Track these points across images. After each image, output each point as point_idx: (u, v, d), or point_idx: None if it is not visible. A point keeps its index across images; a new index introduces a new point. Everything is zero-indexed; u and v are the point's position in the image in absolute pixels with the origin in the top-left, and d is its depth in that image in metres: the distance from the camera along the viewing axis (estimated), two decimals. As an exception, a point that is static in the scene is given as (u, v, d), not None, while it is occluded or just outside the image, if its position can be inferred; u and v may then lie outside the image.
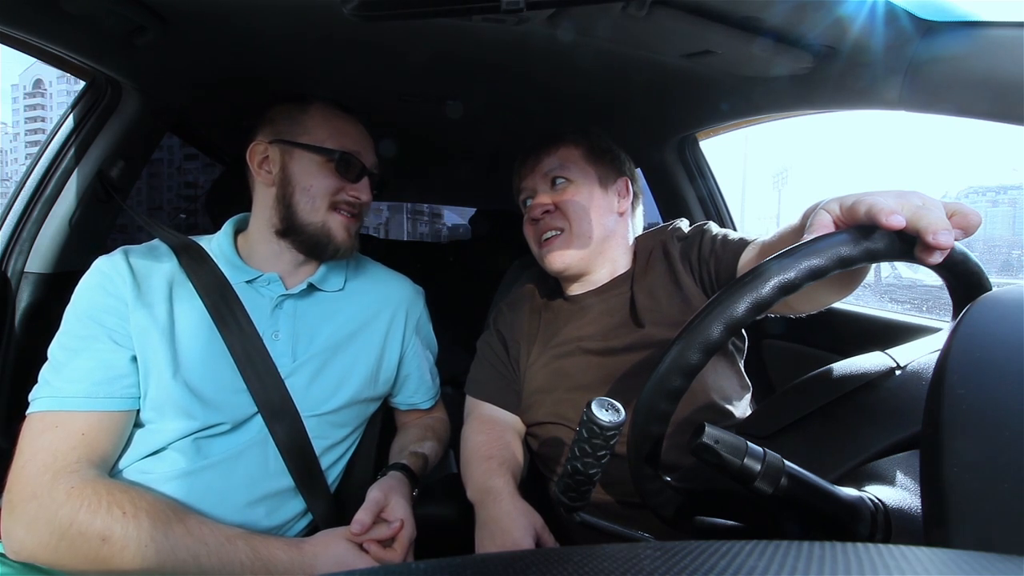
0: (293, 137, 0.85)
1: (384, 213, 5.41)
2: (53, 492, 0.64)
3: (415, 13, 0.62)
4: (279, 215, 0.86)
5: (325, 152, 0.85)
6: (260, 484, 0.77)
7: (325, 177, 0.85)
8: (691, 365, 0.43)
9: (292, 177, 0.85)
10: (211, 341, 0.78)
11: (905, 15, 0.68)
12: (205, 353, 0.77)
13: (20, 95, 43.37)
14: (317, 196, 0.85)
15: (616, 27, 0.78)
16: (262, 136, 0.87)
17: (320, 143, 0.85)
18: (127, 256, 0.79)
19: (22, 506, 0.64)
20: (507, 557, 0.24)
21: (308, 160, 0.85)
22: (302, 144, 0.85)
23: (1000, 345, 0.35)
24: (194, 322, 0.78)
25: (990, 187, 13.60)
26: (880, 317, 1.09)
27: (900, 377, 0.49)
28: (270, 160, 0.86)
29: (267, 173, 0.86)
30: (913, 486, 0.41)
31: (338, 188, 0.86)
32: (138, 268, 0.78)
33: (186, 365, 0.75)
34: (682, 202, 1.47)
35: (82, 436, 0.68)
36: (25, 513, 0.63)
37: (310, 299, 0.89)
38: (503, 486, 0.79)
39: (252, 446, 0.78)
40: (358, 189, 0.88)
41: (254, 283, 0.85)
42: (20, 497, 0.64)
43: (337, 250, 0.87)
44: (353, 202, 0.88)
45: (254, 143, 0.87)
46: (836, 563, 0.22)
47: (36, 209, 1.02)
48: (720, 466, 0.41)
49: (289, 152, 0.85)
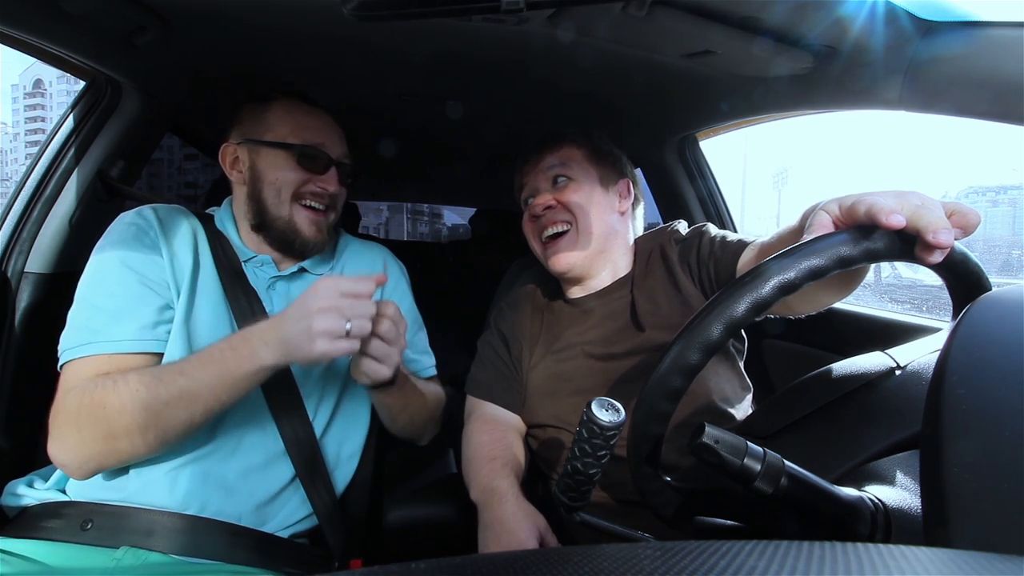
0: (258, 135, 0.87)
1: (384, 213, 5.41)
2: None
3: (415, 13, 0.62)
4: (252, 211, 0.88)
5: (286, 147, 0.86)
6: (261, 473, 0.78)
7: (290, 171, 0.86)
8: (691, 365, 0.43)
9: (260, 174, 0.87)
10: (220, 312, 0.80)
11: (905, 15, 0.68)
12: (213, 320, 0.79)
13: (20, 95, 43.38)
14: (282, 189, 0.86)
15: (616, 27, 0.78)
16: (232, 138, 0.90)
17: (282, 139, 0.86)
18: (155, 211, 0.82)
19: (59, 427, 0.68)
20: (507, 557, 0.24)
21: (273, 156, 0.86)
22: (265, 141, 0.86)
23: (1000, 345, 0.35)
24: (210, 289, 0.81)
25: (990, 187, 13.59)
26: (880, 317, 1.09)
27: (900, 377, 0.49)
28: (240, 160, 0.89)
29: (238, 173, 0.89)
30: (913, 486, 0.41)
31: (304, 180, 0.86)
32: (166, 223, 0.81)
33: (192, 326, 0.77)
34: (682, 202, 1.47)
35: None
36: (60, 425, 0.68)
37: (300, 280, 0.91)
38: (507, 488, 0.79)
39: (252, 430, 0.78)
40: (325, 180, 0.88)
41: (248, 263, 0.87)
42: (59, 418, 0.68)
43: (305, 245, 0.88)
44: (320, 193, 0.88)
45: (224, 145, 0.90)
46: (836, 563, 0.22)
47: (36, 209, 1.02)
48: (720, 466, 0.41)
49: (256, 150, 0.87)
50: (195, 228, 0.84)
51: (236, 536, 0.74)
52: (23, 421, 0.94)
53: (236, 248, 0.87)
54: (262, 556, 0.75)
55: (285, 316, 0.68)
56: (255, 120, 0.88)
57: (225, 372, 0.67)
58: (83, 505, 0.72)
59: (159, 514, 0.71)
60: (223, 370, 0.67)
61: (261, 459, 0.78)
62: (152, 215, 0.81)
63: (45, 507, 0.73)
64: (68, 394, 0.69)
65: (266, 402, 0.80)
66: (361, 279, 0.69)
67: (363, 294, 0.67)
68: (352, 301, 0.66)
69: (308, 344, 0.65)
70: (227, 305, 0.81)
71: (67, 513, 0.71)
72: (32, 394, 0.94)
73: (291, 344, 0.66)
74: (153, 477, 0.72)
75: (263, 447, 0.79)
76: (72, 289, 0.76)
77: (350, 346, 0.67)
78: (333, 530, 0.83)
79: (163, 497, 0.72)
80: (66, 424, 0.68)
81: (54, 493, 0.74)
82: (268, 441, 0.79)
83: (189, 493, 0.72)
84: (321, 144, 0.87)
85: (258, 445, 0.78)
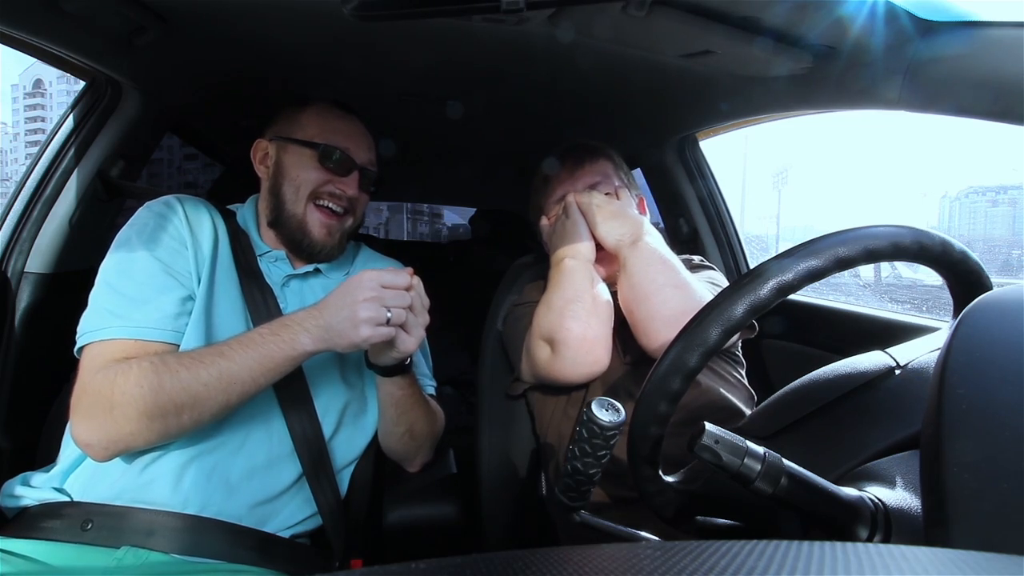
0: (289, 134, 0.89)
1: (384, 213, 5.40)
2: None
3: (415, 13, 0.62)
4: (270, 206, 0.90)
5: (311, 146, 0.87)
6: (264, 472, 0.78)
7: (312, 170, 0.87)
8: (690, 367, 0.43)
9: (283, 169, 0.88)
10: (237, 306, 0.81)
11: (905, 15, 0.68)
12: (229, 315, 0.80)
13: (20, 95, 43.32)
14: (301, 186, 0.87)
15: (616, 27, 0.78)
16: (266, 135, 0.93)
17: (310, 138, 0.88)
18: (181, 202, 0.83)
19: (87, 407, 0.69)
20: (507, 557, 0.24)
21: (298, 154, 0.88)
22: (294, 139, 0.89)
23: (1000, 345, 0.35)
24: (227, 285, 0.82)
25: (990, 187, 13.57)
26: (880, 317, 1.09)
27: (900, 377, 0.49)
28: (268, 156, 0.91)
29: (265, 168, 0.91)
30: (913, 486, 0.41)
31: (324, 180, 0.87)
32: (192, 216, 0.82)
33: (210, 320, 0.78)
34: (682, 202, 1.47)
35: None
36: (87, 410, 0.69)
37: (314, 281, 0.92)
38: None
39: (259, 427, 0.78)
40: (345, 183, 0.89)
41: (263, 258, 0.88)
42: (88, 398, 0.69)
43: (312, 247, 0.88)
44: (338, 194, 0.88)
45: (257, 140, 0.93)
46: (836, 563, 0.22)
47: (36, 209, 1.02)
48: (720, 466, 0.41)
49: (284, 147, 0.90)
50: (216, 223, 0.85)
51: (237, 535, 0.74)
52: (23, 421, 0.94)
53: (254, 243, 0.89)
54: (263, 556, 0.75)
55: (327, 305, 0.72)
56: (289, 120, 0.91)
57: (266, 356, 0.70)
58: (83, 505, 0.72)
59: (160, 514, 0.71)
60: (264, 354, 0.70)
61: (265, 458, 0.78)
62: (179, 205, 0.82)
63: (45, 507, 0.73)
64: (96, 374, 0.69)
65: (277, 400, 0.80)
66: (399, 272, 0.73)
67: (401, 286, 0.72)
68: (393, 292, 0.71)
69: (353, 331, 0.69)
70: (243, 300, 0.82)
71: (67, 513, 0.71)
72: (32, 394, 0.94)
73: (334, 330, 0.70)
74: (158, 472, 0.72)
75: (268, 445, 0.79)
76: (72, 289, 0.76)
77: (389, 332, 0.71)
78: (336, 530, 0.83)
79: (165, 494, 0.72)
80: (96, 405, 0.68)
81: (54, 493, 0.74)
82: (274, 440, 0.79)
83: (191, 491, 0.72)
84: (346, 148, 0.89)
85: (264, 442, 0.79)
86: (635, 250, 0.87)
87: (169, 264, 0.77)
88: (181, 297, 0.76)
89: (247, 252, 0.86)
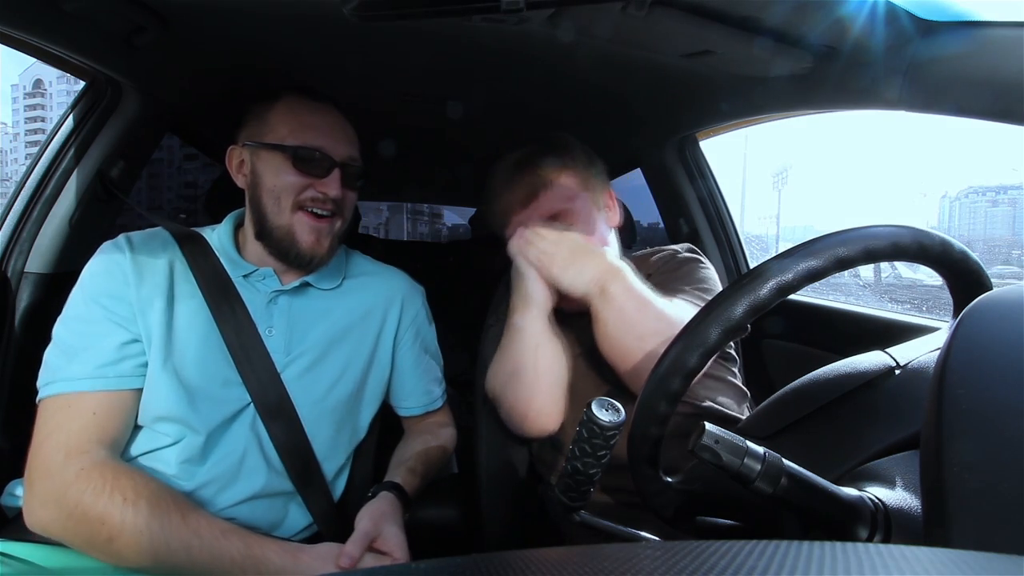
0: (259, 138, 0.83)
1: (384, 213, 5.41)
2: (64, 472, 0.66)
3: (415, 13, 0.62)
4: (253, 218, 0.85)
5: (283, 149, 0.81)
6: (258, 487, 0.77)
7: (288, 175, 0.81)
8: (690, 367, 0.43)
9: (259, 178, 0.83)
10: (207, 333, 0.78)
11: (905, 15, 0.68)
12: (200, 344, 0.77)
13: (20, 95, 43.34)
14: (281, 195, 0.81)
15: (616, 27, 0.78)
16: (239, 140, 0.87)
17: (281, 140, 0.82)
18: (130, 241, 0.79)
19: (39, 483, 0.67)
20: (507, 557, 0.24)
21: (271, 159, 0.82)
22: (265, 144, 0.82)
23: (1000, 345, 0.35)
24: (192, 312, 0.78)
25: (990, 187, 13.58)
26: (880, 317, 1.09)
27: (900, 376, 0.49)
28: (244, 163, 0.85)
29: (243, 177, 0.86)
30: (913, 486, 0.41)
31: (303, 185, 0.81)
32: (140, 253, 0.78)
33: (178, 354, 0.75)
34: (682, 202, 1.47)
35: (93, 416, 0.70)
36: (41, 490, 0.67)
37: (305, 296, 0.87)
38: None
39: (247, 451, 0.77)
40: (326, 184, 0.82)
41: (250, 277, 0.84)
42: (37, 475, 0.68)
43: (301, 255, 0.82)
44: (320, 198, 0.82)
45: (230, 148, 0.87)
46: (836, 563, 0.22)
47: (36, 209, 1.01)
48: (720, 467, 0.41)
49: (256, 153, 0.84)
50: (172, 256, 0.80)
51: None
52: (23, 421, 0.94)
53: (234, 263, 0.84)
54: None
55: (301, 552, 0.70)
56: (258, 120, 0.84)
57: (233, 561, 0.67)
58: None
59: None
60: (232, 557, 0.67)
61: (256, 478, 0.78)
62: (126, 244, 0.78)
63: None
64: (48, 439, 0.68)
65: (256, 409, 0.78)
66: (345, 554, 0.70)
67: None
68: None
69: None
70: (216, 326, 0.78)
71: None
72: (32, 394, 0.94)
73: None
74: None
75: (257, 463, 0.78)
76: (72, 289, 0.76)
77: None
78: (333, 535, 0.82)
79: None
80: (51, 494, 0.66)
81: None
82: (262, 456, 0.79)
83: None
84: (321, 146, 0.82)
85: (253, 463, 0.78)
86: (605, 300, 0.79)
87: (109, 308, 0.74)
88: (121, 341, 0.73)
89: (219, 272, 0.81)
